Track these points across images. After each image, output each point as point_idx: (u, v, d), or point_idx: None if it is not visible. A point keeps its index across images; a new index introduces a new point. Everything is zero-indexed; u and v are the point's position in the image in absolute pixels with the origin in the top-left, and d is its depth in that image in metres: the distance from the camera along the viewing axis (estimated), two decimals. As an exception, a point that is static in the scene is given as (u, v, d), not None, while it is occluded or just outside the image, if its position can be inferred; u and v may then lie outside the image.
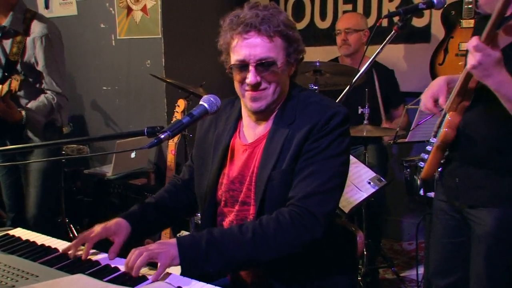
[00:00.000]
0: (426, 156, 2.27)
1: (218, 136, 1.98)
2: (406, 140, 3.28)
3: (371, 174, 2.98)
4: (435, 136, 2.26)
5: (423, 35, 4.32)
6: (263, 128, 1.90)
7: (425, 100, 2.19)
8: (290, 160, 1.77)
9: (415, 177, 2.94)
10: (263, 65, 1.76)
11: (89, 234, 1.79)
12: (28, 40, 3.10)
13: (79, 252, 1.74)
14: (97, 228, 1.82)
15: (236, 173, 1.91)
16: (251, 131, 1.93)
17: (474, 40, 1.79)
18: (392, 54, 4.28)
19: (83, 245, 1.76)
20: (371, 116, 3.46)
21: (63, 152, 4.15)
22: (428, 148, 2.26)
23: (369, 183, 2.91)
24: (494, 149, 2.02)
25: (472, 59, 1.80)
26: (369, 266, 3.50)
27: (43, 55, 3.12)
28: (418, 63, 4.29)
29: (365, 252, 3.41)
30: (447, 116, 2.13)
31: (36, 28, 3.12)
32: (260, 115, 1.89)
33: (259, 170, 1.83)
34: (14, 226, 2.13)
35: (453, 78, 2.24)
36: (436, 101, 2.16)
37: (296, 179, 1.77)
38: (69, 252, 1.74)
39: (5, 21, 3.09)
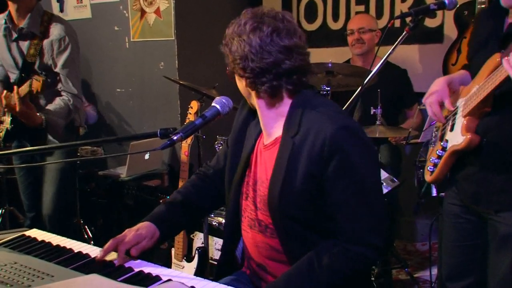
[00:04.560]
0: (437, 161, 2.23)
1: (250, 131, 1.97)
2: (419, 140, 3.26)
3: (383, 174, 2.98)
4: (441, 140, 2.23)
5: (436, 35, 4.31)
6: (275, 131, 1.85)
7: (433, 107, 2.18)
8: (302, 180, 1.70)
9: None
10: None
11: (121, 239, 1.78)
12: (46, 42, 3.16)
13: (110, 257, 1.74)
14: (129, 234, 1.80)
15: (257, 173, 1.90)
16: (266, 131, 1.90)
17: None
18: (405, 55, 4.27)
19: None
20: (384, 116, 3.45)
21: (78, 154, 4.19)
22: (439, 152, 2.23)
23: (382, 183, 2.91)
24: None
25: None
26: (382, 267, 3.49)
27: (61, 57, 3.18)
28: (431, 64, 4.28)
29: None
30: (463, 120, 2.07)
31: (55, 30, 3.18)
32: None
33: (270, 183, 1.78)
34: (33, 226, 2.16)
35: (452, 78, 2.24)
36: (442, 105, 2.16)
37: (339, 213, 1.69)
38: (100, 256, 1.72)
39: (23, 23, 3.15)
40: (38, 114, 3.01)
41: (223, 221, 3.07)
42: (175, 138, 1.65)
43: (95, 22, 4.85)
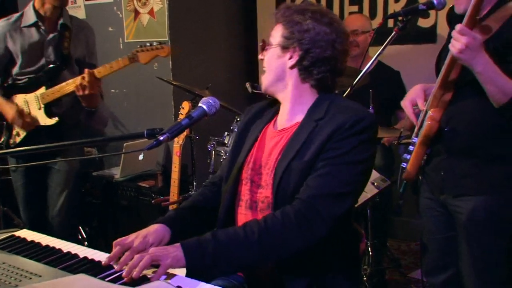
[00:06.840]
0: (408, 157, 2.29)
1: (258, 124, 2.05)
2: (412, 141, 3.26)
3: (375, 174, 2.99)
4: (417, 136, 2.29)
5: (429, 35, 4.32)
6: (295, 119, 1.93)
7: (407, 108, 2.30)
8: (312, 154, 1.78)
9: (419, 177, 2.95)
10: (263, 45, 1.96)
11: (128, 244, 1.74)
12: (76, 35, 3.32)
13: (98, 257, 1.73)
14: (137, 240, 1.76)
15: (261, 157, 1.95)
16: (284, 119, 1.97)
17: (459, 26, 1.88)
18: (398, 55, 4.27)
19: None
20: (376, 116, 3.45)
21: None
22: (410, 148, 2.29)
23: (373, 183, 2.93)
24: (481, 139, 2.08)
25: (458, 44, 1.89)
26: (375, 266, 3.50)
27: (90, 49, 3.42)
28: (424, 64, 4.26)
29: (370, 253, 3.41)
30: (429, 112, 2.18)
31: (81, 23, 3.43)
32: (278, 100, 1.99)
33: (280, 157, 1.86)
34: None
35: (429, 85, 2.34)
36: (414, 105, 2.27)
37: (311, 176, 1.77)
38: (105, 263, 1.68)
39: (62, 19, 3.26)
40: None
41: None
42: (161, 138, 1.67)
43: (89, 22, 4.82)
